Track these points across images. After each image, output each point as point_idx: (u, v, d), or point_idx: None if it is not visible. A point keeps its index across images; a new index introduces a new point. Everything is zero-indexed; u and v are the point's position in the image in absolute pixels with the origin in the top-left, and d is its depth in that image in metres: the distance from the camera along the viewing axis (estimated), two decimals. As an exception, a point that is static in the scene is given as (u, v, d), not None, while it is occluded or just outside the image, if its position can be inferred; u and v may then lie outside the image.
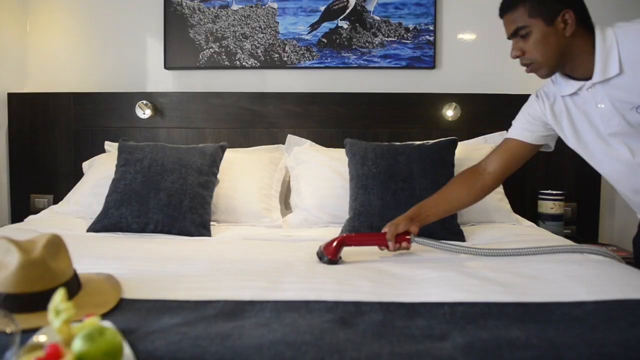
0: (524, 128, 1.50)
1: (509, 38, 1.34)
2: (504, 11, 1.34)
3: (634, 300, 1.06)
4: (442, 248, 1.46)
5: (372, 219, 1.75)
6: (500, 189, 2.09)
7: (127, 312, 1.00)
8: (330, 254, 1.37)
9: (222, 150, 2.02)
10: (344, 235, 1.43)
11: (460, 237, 1.74)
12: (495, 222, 1.96)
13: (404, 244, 1.43)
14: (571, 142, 1.44)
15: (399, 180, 1.80)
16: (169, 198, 1.80)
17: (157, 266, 1.32)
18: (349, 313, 0.99)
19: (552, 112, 1.42)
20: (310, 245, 1.64)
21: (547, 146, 1.53)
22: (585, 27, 1.27)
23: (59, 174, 2.51)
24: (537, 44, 1.26)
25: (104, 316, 0.97)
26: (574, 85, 1.33)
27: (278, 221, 1.98)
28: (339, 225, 1.85)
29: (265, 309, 1.01)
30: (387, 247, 1.42)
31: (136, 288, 1.14)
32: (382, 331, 0.90)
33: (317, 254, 1.41)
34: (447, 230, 1.74)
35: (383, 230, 1.44)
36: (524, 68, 1.23)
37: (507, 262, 1.39)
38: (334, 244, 1.39)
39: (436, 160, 1.86)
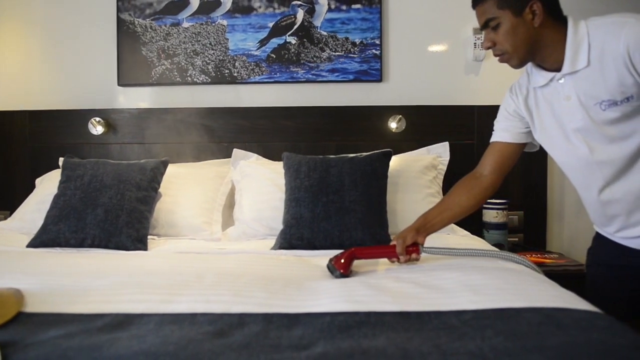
0: (502, 129, 1.53)
1: (480, 29, 1.36)
2: (475, 3, 1.37)
3: (513, 309, 1.09)
4: (451, 254, 1.50)
5: (303, 231, 1.79)
6: (437, 200, 2.12)
7: (21, 325, 1.04)
8: (342, 269, 1.39)
9: (164, 165, 2.06)
10: (354, 248, 1.44)
11: (390, 247, 1.77)
12: (431, 232, 1.98)
13: (414, 255, 1.46)
14: (537, 135, 1.46)
15: (329, 192, 1.84)
16: (106, 213, 1.84)
17: (72, 280, 1.35)
18: (230, 325, 1.02)
19: (525, 104, 1.45)
20: (238, 258, 1.68)
21: (531, 145, 1.55)
22: (555, 19, 1.30)
23: (16, 190, 2.54)
24: (507, 35, 1.29)
25: (-3, 329, 1.01)
26: (545, 76, 1.35)
27: (217, 234, 2.01)
28: (275, 238, 1.88)
29: (150, 322, 1.04)
30: (398, 259, 1.46)
31: (40, 302, 1.17)
32: (251, 342, 0.94)
33: (328, 267, 1.42)
34: (377, 240, 1.77)
35: (391, 243, 1.47)
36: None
37: (418, 272, 1.42)
38: (345, 258, 1.40)
39: (368, 172, 1.90)
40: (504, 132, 1.52)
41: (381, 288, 1.25)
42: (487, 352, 0.88)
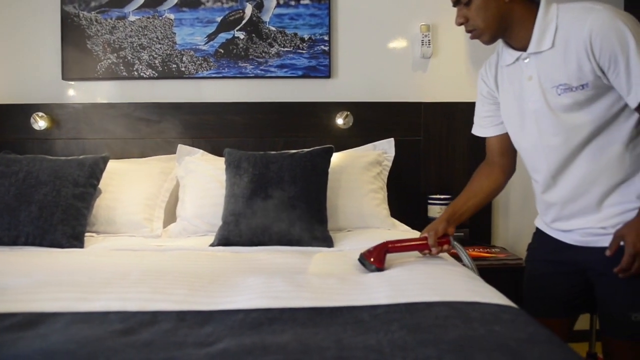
0: (482, 124, 1.56)
1: (453, 6, 1.37)
2: None
3: (424, 303, 1.11)
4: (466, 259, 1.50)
5: (241, 227, 1.79)
6: (380, 195, 2.16)
7: None
8: (377, 263, 1.39)
9: (104, 161, 2.04)
10: (386, 242, 1.44)
11: (329, 243, 1.79)
12: (371, 227, 2.01)
13: (446, 246, 1.47)
14: (502, 113, 1.49)
15: (268, 188, 1.84)
16: (40, 210, 1.81)
17: (-7, 280, 1.33)
18: (140, 323, 1.02)
19: (495, 83, 1.48)
20: (173, 255, 1.67)
21: None
22: None
23: (-43, 186, 2.47)
24: (479, 10, 1.31)
25: None
26: (513, 55, 1.38)
27: (158, 231, 2.00)
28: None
29: (60, 321, 1.02)
30: (430, 251, 1.47)
31: (-46, 302, 1.15)
32: (155, 339, 0.93)
33: (360, 261, 1.43)
34: (315, 237, 1.79)
35: (422, 235, 1.48)
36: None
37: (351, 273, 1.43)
38: (377, 251, 1.41)
39: (308, 168, 1.90)
40: (485, 128, 1.56)
41: (303, 284, 1.26)
42: (384, 346, 0.90)
